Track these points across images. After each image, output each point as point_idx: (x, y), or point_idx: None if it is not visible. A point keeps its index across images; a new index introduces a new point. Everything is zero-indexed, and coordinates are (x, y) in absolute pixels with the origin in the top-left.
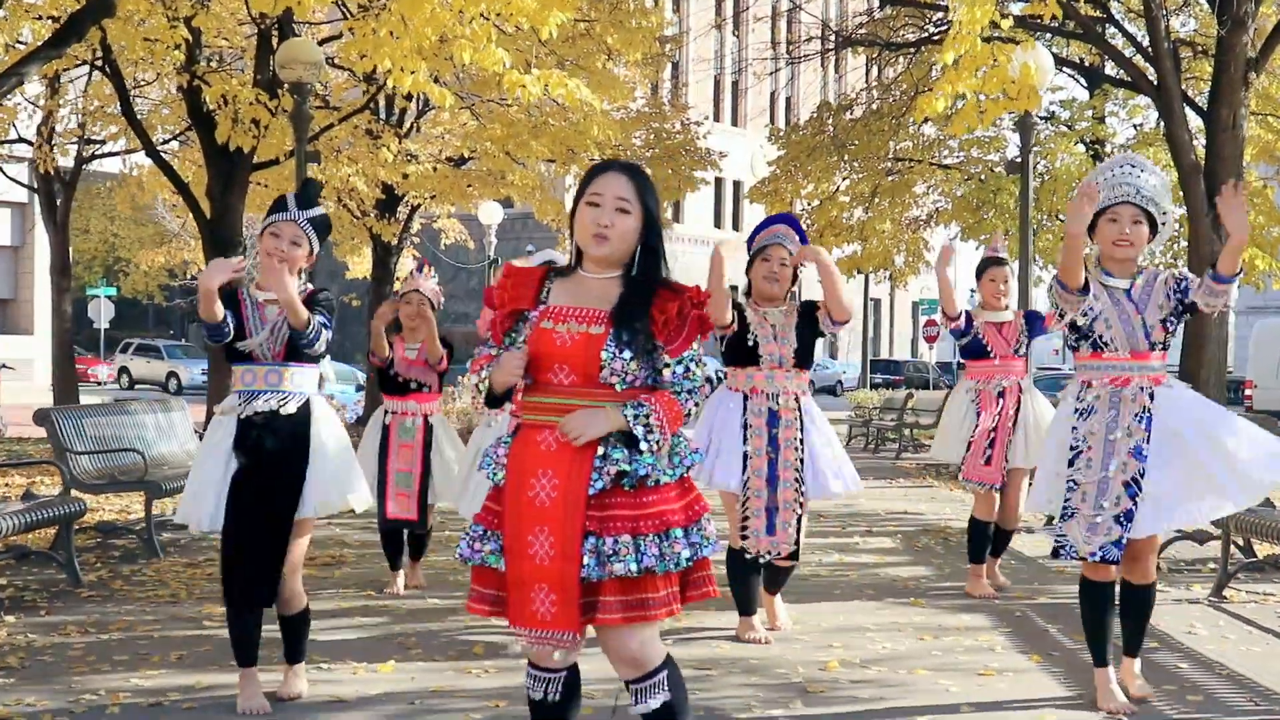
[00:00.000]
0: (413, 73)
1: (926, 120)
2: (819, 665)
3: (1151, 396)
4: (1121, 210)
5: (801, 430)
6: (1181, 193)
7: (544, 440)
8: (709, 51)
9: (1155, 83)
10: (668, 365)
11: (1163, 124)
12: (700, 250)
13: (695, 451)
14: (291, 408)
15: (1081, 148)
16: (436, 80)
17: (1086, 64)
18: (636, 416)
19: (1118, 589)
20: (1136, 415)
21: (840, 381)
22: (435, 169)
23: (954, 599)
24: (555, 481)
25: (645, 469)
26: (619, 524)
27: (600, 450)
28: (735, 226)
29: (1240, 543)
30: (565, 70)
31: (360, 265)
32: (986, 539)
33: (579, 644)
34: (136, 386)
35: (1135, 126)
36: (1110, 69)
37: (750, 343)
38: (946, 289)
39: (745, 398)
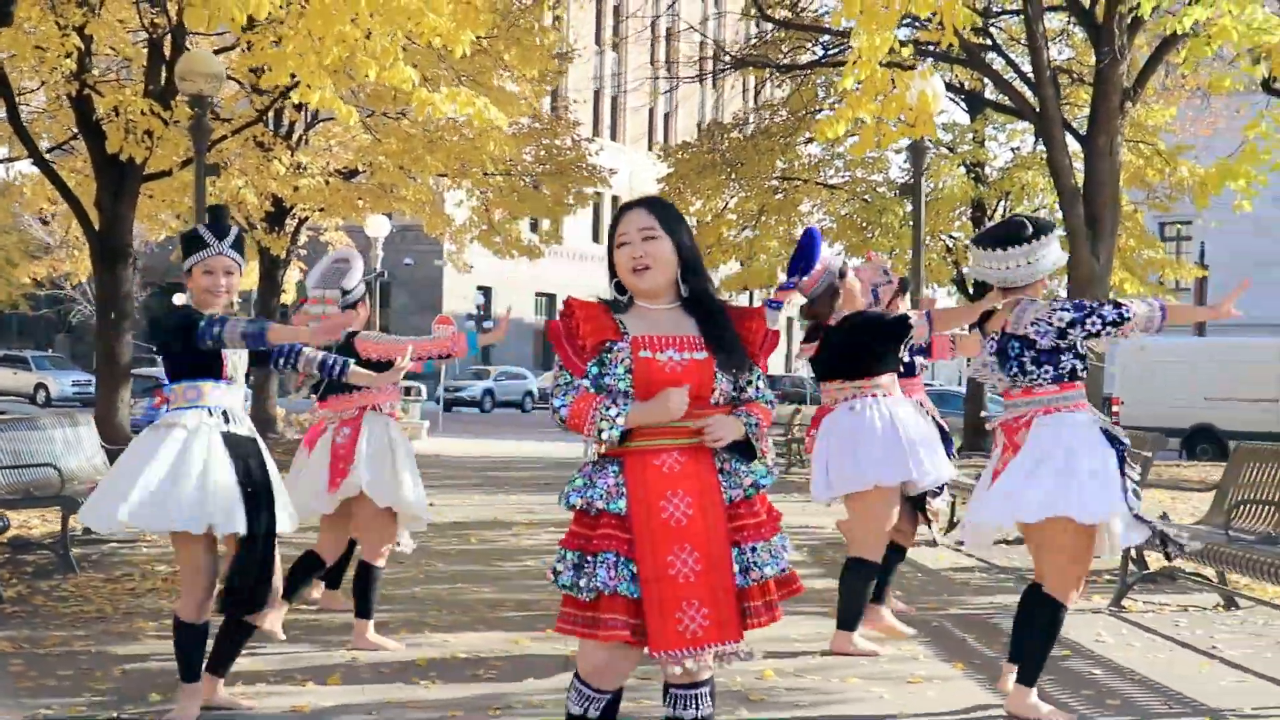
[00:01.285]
0: (320, 89)
1: (811, 140)
2: (755, 674)
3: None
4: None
5: None
6: (1061, 215)
7: (664, 463)
8: (590, 70)
9: (1037, 110)
10: (750, 381)
11: (1044, 149)
12: (579, 265)
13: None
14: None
15: (963, 170)
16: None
17: (967, 89)
18: (749, 425)
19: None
20: None
21: None
22: (327, 182)
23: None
24: (689, 500)
25: (765, 479)
26: (749, 533)
27: (720, 466)
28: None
29: (1134, 555)
30: (462, 85)
31: (246, 278)
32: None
33: (749, 654)
34: (1, 398)
35: (1013, 150)
36: (990, 93)
37: None
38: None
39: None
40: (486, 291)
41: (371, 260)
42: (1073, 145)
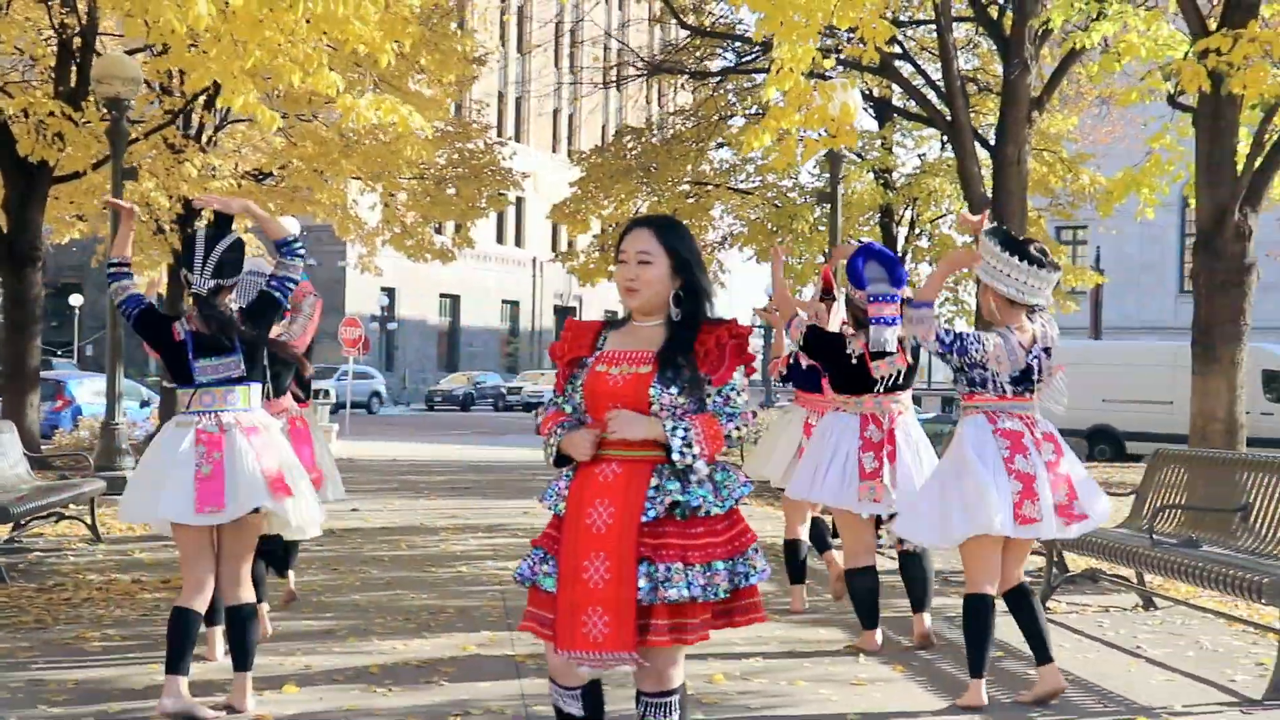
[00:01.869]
0: (244, 94)
1: (723, 145)
2: (704, 678)
3: None
4: None
5: None
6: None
7: (602, 473)
8: (493, 69)
9: (948, 119)
10: (709, 395)
11: (955, 157)
12: (483, 267)
13: (745, 484)
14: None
15: (872, 176)
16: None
17: (877, 96)
18: (675, 429)
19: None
20: None
21: None
22: (239, 184)
23: (804, 614)
24: (612, 510)
25: (698, 500)
26: (670, 552)
27: (654, 481)
28: (518, 243)
29: (1056, 558)
30: (379, 90)
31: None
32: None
33: (638, 663)
34: None
35: (920, 157)
36: (898, 100)
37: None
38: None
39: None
40: (390, 293)
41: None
42: (981, 153)
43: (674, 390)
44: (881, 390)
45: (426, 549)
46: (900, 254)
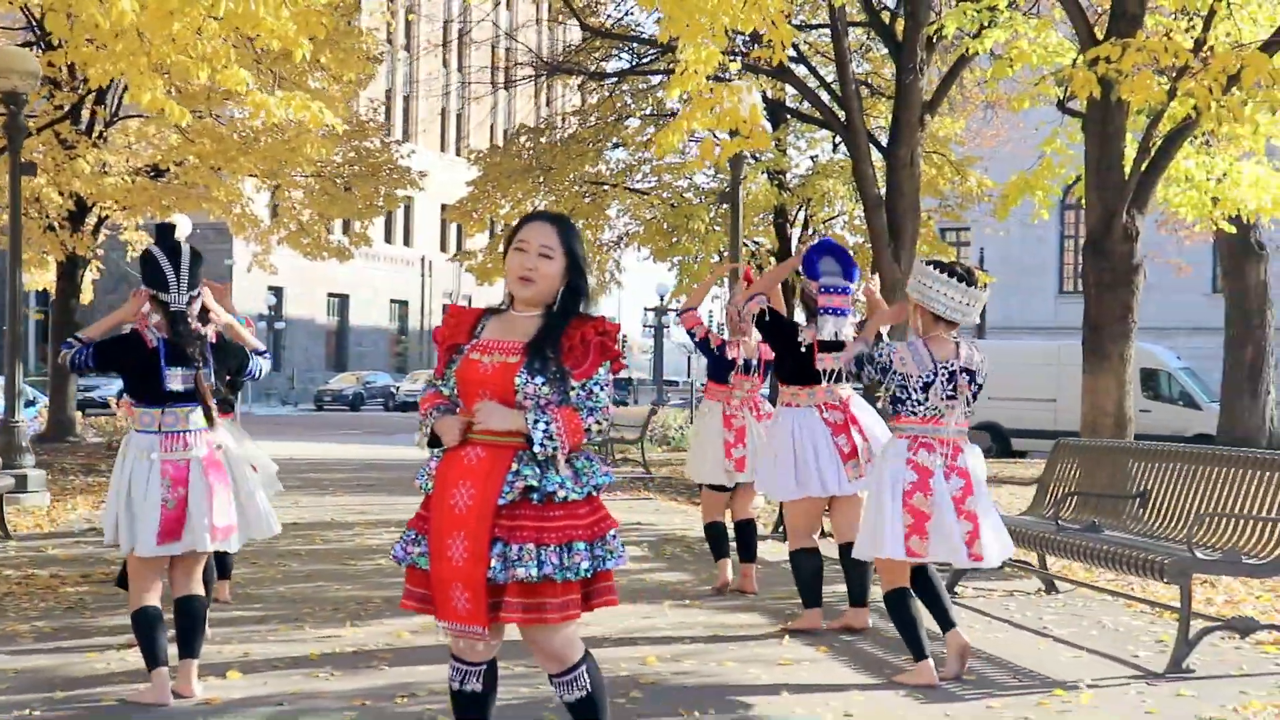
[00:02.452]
0: (151, 90)
1: (619, 145)
2: (638, 660)
3: None
4: None
5: None
6: (866, 225)
7: (467, 456)
8: (381, 67)
9: (843, 121)
10: (573, 388)
11: (845, 155)
12: (372, 266)
13: (605, 474)
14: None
15: (765, 177)
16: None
17: (770, 98)
18: (538, 422)
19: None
20: None
21: None
22: (134, 180)
23: (723, 601)
24: (472, 491)
25: (553, 486)
26: (525, 534)
27: (514, 467)
28: (407, 243)
29: None
30: (279, 88)
31: (41, 277)
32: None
33: (489, 638)
34: None
35: (813, 159)
36: (791, 102)
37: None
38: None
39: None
40: (278, 292)
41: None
42: (874, 155)
43: (539, 381)
44: (829, 382)
45: (342, 543)
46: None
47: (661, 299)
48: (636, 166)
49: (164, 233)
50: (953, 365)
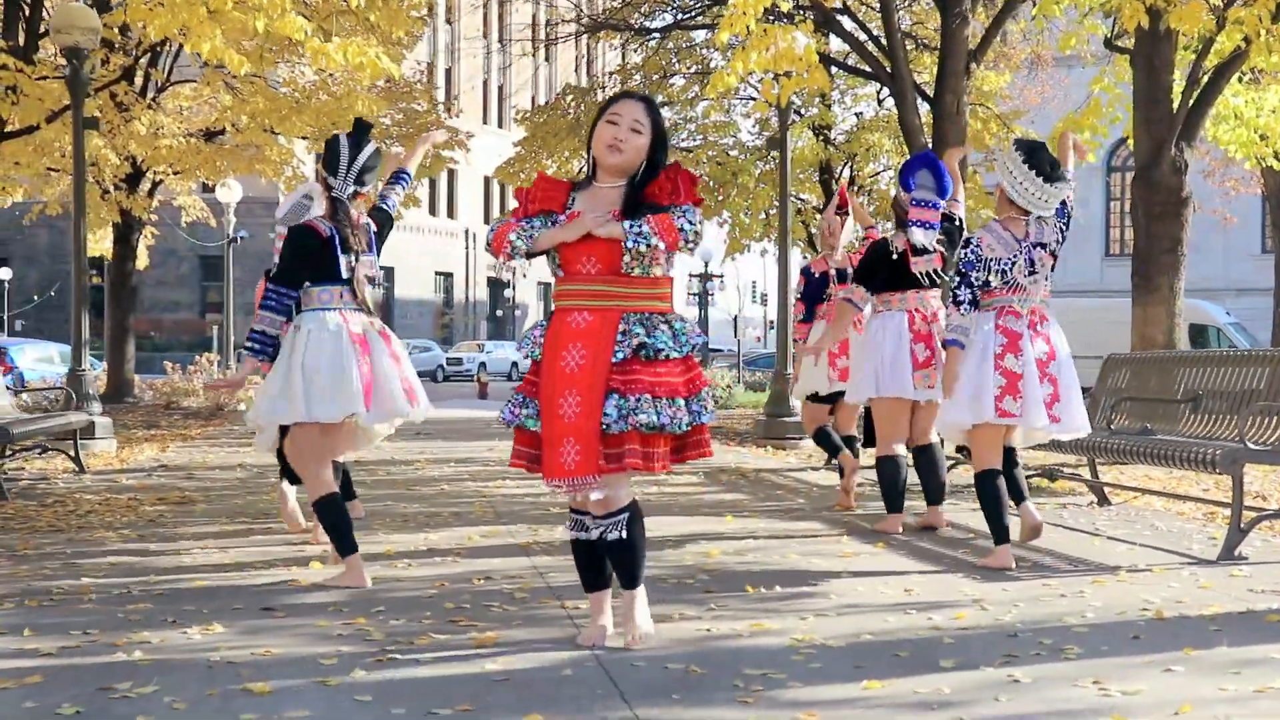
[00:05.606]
0: (210, 39)
1: (666, 104)
2: (702, 554)
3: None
4: None
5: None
6: None
7: (574, 320)
8: (425, 44)
9: (890, 72)
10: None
11: (890, 110)
12: (420, 238)
13: (699, 336)
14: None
15: (811, 133)
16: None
17: (816, 50)
18: (632, 226)
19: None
20: None
21: None
22: (188, 142)
23: (787, 515)
24: (584, 352)
25: (662, 344)
26: (640, 385)
27: (622, 327)
28: (450, 215)
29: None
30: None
31: (99, 243)
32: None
33: (602, 486)
34: None
35: (857, 115)
36: (835, 55)
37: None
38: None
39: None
40: None
41: (225, 226)
42: (921, 107)
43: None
44: (922, 287)
45: (406, 475)
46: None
47: (706, 265)
48: (682, 125)
49: (359, 126)
50: (1026, 246)
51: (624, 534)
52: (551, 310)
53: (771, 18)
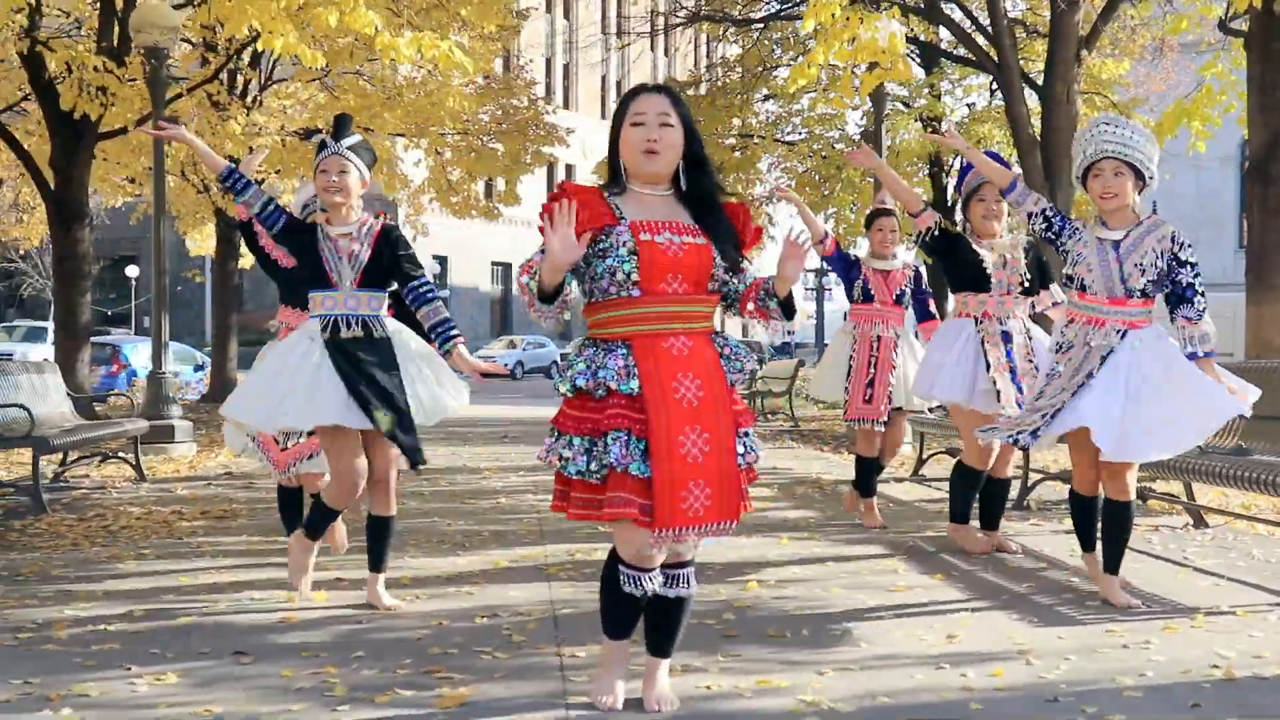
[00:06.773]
0: (283, 35)
1: (770, 97)
2: (739, 586)
3: (1123, 337)
4: (1104, 165)
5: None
6: (1020, 169)
7: (672, 346)
8: (539, 34)
9: (996, 60)
10: (745, 260)
11: (1002, 101)
12: (533, 233)
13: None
14: (376, 330)
15: (919, 125)
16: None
17: (923, 41)
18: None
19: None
20: (1102, 352)
21: None
22: (284, 142)
23: (847, 535)
24: (699, 382)
25: (756, 367)
26: (744, 418)
27: (724, 351)
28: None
29: None
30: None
31: (203, 243)
32: (873, 473)
33: (726, 532)
34: None
35: (969, 106)
36: (945, 46)
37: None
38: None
39: (976, 321)
40: (442, 260)
41: None
42: (1030, 98)
43: (726, 260)
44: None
45: (468, 485)
46: (949, 203)
47: (823, 261)
48: (786, 118)
49: (337, 122)
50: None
51: (690, 589)
52: (602, 335)
53: (860, 4)
